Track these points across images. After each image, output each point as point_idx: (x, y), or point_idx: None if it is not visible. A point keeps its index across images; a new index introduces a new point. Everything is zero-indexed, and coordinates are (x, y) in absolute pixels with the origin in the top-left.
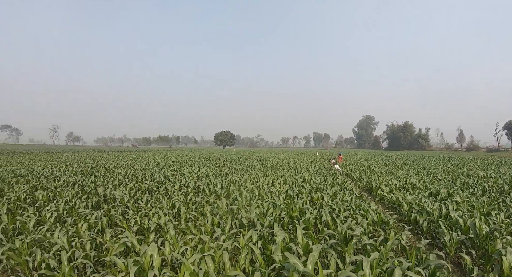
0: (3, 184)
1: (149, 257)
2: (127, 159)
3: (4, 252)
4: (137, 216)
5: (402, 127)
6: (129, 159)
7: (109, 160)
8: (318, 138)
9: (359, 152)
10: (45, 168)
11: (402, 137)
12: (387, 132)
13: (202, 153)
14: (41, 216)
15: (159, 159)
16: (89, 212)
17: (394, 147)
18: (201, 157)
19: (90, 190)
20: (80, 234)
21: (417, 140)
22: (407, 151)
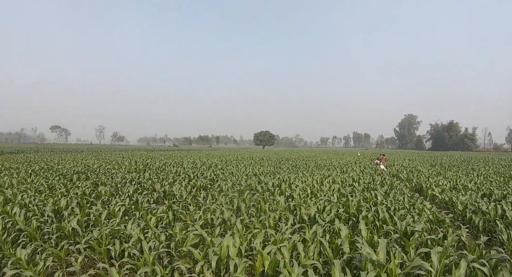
0: (65, 180)
1: (225, 248)
2: (173, 158)
3: (87, 242)
4: (200, 211)
5: (446, 126)
6: (175, 158)
7: (156, 159)
8: (358, 138)
9: (402, 153)
10: (100, 166)
11: (446, 137)
12: (431, 132)
13: (243, 153)
14: (109, 210)
15: (203, 158)
16: (154, 206)
17: (438, 147)
18: (243, 156)
19: (148, 187)
20: (150, 227)
21: (463, 140)
22: (453, 152)
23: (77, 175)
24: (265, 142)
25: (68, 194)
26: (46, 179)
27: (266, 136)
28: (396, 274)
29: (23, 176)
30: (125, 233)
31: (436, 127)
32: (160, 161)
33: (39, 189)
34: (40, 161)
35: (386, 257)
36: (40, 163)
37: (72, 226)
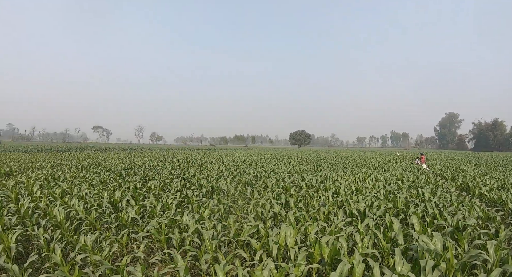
0: (115, 175)
1: (283, 238)
2: (212, 156)
3: (149, 230)
4: (250, 205)
5: (490, 125)
6: (214, 157)
7: (196, 157)
8: (396, 138)
9: (443, 153)
10: (145, 163)
11: (491, 137)
12: (473, 131)
13: (280, 152)
14: (163, 202)
15: (242, 156)
16: (206, 200)
17: (481, 147)
18: (281, 155)
19: (195, 182)
20: (204, 218)
21: (508, 140)
22: (498, 153)
23: (125, 171)
24: (300, 142)
25: (120, 188)
26: (97, 174)
27: (302, 136)
28: (453, 264)
29: (75, 171)
30: (182, 223)
31: (479, 126)
32: (200, 159)
33: (92, 183)
34: (87, 158)
35: (449, 247)
36: (88, 160)
37: (131, 216)
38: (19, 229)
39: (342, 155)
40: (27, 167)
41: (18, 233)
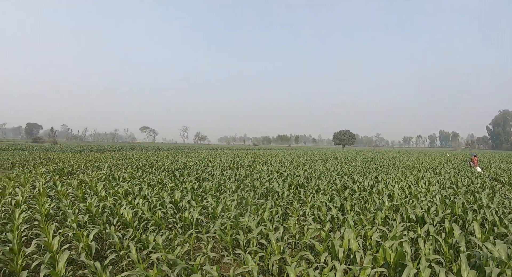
0: (169, 175)
1: (346, 241)
2: (258, 157)
3: (215, 231)
4: (306, 207)
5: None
6: (259, 157)
7: (244, 157)
8: (445, 138)
9: (497, 154)
10: (195, 164)
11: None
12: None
13: (325, 153)
14: (222, 204)
15: (288, 157)
16: (263, 202)
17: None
18: (327, 156)
19: (248, 184)
20: (265, 220)
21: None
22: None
23: (178, 171)
24: (345, 142)
25: (178, 188)
26: (153, 175)
27: (346, 136)
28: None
29: (131, 171)
30: (244, 225)
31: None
32: (248, 159)
33: (150, 183)
34: (139, 158)
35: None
36: (141, 160)
37: (195, 216)
38: (92, 227)
39: (389, 156)
40: (86, 167)
41: (95, 232)
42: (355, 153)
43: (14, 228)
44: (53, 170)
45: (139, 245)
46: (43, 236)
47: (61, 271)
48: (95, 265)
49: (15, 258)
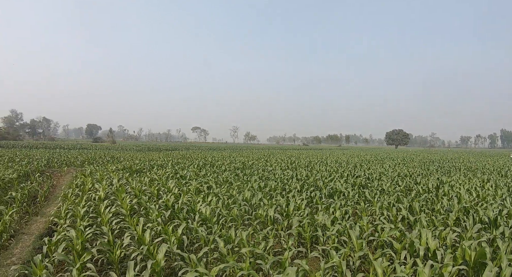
0: (232, 174)
1: (424, 240)
2: (312, 157)
3: (297, 228)
4: (375, 207)
5: None
6: (313, 157)
7: (298, 157)
8: (507, 137)
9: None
10: (253, 163)
11: None
12: None
13: (379, 153)
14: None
15: (342, 157)
16: (332, 201)
17: None
18: (381, 157)
19: (311, 183)
20: (337, 219)
21: None
22: None
23: (239, 170)
24: (397, 142)
25: (245, 187)
26: (217, 173)
27: (399, 135)
28: None
29: (193, 169)
30: (319, 223)
31: None
32: (303, 159)
33: (217, 182)
34: (197, 157)
35: None
36: (200, 159)
37: (270, 214)
38: (177, 222)
39: (448, 157)
40: (151, 165)
41: (183, 227)
42: (410, 153)
43: (104, 221)
44: (123, 168)
45: (221, 239)
46: (132, 229)
47: (160, 262)
48: (190, 257)
49: (113, 249)
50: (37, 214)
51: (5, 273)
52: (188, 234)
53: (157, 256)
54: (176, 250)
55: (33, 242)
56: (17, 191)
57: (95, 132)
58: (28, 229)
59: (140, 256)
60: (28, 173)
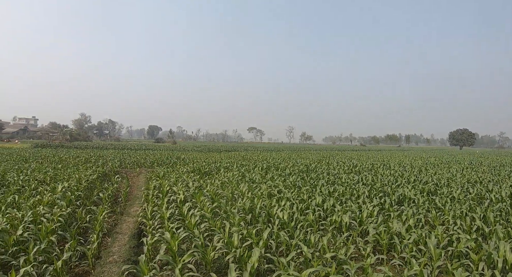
0: (298, 177)
1: (502, 252)
2: (373, 159)
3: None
4: (448, 215)
5: None
6: (374, 159)
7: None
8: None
9: None
10: (316, 167)
11: None
12: None
13: (443, 155)
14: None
15: (405, 159)
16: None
17: None
18: (447, 159)
19: (378, 188)
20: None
21: None
22: None
23: (303, 173)
24: (462, 142)
25: (314, 192)
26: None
27: (464, 135)
28: None
29: (259, 172)
30: (393, 231)
31: None
32: (364, 161)
33: (285, 185)
34: (258, 159)
35: None
36: (262, 161)
37: (345, 220)
38: (259, 227)
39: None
40: (217, 167)
41: (268, 232)
42: (477, 155)
43: (192, 224)
44: (192, 170)
45: (300, 243)
46: (217, 232)
47: (254, 265)
48: (279, 261)
49: (207, 251)
50: (122, 214)
51: (110, 269)
52: (269, 238)
53: (251, 259)
54: (266, 254)
55: (128, 241)
56: (102, 191)
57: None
58: (120, 228)
59: (232, 258)
60: (105, 173)
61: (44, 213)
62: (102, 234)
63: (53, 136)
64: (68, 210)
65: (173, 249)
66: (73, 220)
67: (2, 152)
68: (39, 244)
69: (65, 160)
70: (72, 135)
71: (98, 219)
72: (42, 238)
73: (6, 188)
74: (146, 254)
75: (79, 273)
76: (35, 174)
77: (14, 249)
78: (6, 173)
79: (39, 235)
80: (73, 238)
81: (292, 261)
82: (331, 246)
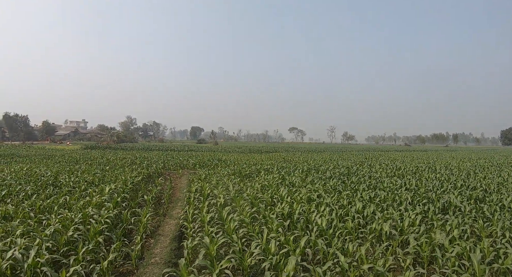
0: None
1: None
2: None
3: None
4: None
5: None
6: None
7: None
8: None
9: None
10: (358, 169)
11: None
12: None
13: (494, 156)
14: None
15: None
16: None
17: None
18: (498, 162)
19: (422, 194)
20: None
21: None
22: None
23: (345, 177)
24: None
25: (354, 197)
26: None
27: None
28: None
29: (300, 175)
30: (436, 242)
31: None
32: (408, 163)
33: (325, 189)
34: (299, 161)
35: None
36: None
37: (385, 229)
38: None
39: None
40: (257, 169)
41: (305, 239)
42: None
43: (231, 229)
44: (233, 173)
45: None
46: (255, 237)
47: (290, 273)
48: (315, 270)
49: (245, 257)
50: (165, 215)
51: (152, 271)
52: (306, 245)
53: (287, 267)
54: (302, 263)
55: (170, 244)
56: (146, 194)
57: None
58: (162, 230)
59: (268, 265)
60: (149, 175)
61: (93, 214)
62: (145, 235)
63: (101, 138)
64: (114, 212)
65: (211, 253)
66: (119, 221)
67: (55, 154)
68: (88, 244)
69: (112, 161)
70: (119, 137)
71: (142, 221)
72: (90, 238)
73: (58, 189)
74: (186, 258)
75: (123, 272)
76: (84, 175)
77: (64, 249)
78: (59, 174)
79: (88, 235)
80: (118, 239)
81: (328, 270)
82: (369, 256)
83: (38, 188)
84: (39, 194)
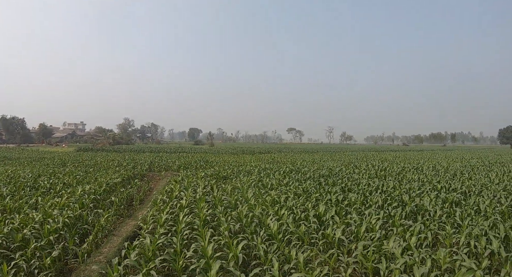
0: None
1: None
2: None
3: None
4: (462, 235)
5: None
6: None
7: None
8: None
9: None
10: (341, 170)
11: None
12: None
13: (489, 155)
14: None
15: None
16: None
17: None
18: (491, 161)
19: (395, 197)
20: (412, 248)
21: None
22: None
23: (323, 178)
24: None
25: (323, 200)
26: (300, 182)
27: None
28: None
29: (278, 177)
30: (388, 251)
31: None
32: (396, 164)
33: (296, 192)
34: (286, 162)
35: None
36: (288, 164)
37: (337, 236)
38: (241, 237)
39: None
40: (238, 171)
41: (243, 243)
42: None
43: (178, 231)
44: (211, 175)
45: (282, 258)
46: (201, 240)
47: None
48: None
49: (177, 259)
50: (130, 217)
51: (90, 268)
52: (252, 250)
53: (211, 271)
54: (230, 267)
55: (119, 244)
56: (116, 195)
57: (196, 135)
58: (118, 231)
59: (198, 268)
60: (130, 176)
61: (55, 214)
62: (101, 235)
63: (98, 140)
64: (77, 213)
65: (147, 254)
66: (79, 222)
67: (46, 156)
68: (40, 242)
69: (100, 163)
70: (115, 138)
71: (100, 222)
72: (44, 237)
73: (35, 190)
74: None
75: (71, 269)
76: (65, 177)
77: (15, 245)
78: (40, 177)
79: (42, 234)
80: (71, 238)
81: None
82: (310, 263)
83: (16, 190)
84: (14, 196)
